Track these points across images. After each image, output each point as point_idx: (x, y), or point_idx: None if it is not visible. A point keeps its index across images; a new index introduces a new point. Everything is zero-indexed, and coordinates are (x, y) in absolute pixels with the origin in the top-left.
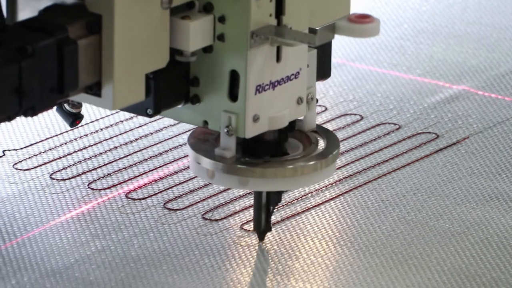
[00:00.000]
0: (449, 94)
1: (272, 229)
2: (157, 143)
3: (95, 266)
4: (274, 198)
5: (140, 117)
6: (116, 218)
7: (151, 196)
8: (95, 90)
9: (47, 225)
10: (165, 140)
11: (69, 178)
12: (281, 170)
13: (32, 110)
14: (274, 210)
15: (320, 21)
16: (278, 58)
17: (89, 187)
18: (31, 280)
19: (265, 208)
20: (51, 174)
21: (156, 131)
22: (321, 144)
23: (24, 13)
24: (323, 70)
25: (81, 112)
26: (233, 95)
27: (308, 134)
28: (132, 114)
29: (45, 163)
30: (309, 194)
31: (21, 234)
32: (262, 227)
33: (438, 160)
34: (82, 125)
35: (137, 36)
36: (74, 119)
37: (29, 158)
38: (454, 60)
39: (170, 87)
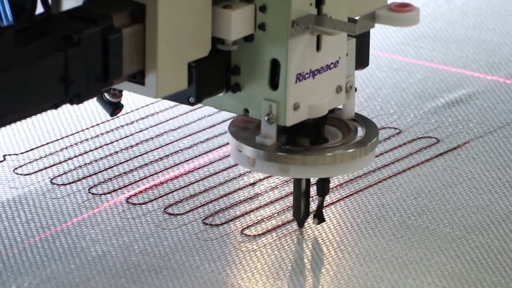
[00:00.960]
0: (449, 99)
1: (272, 233)
2: (158, 148)
3: (96, 271)
4: (320, 187)
5: (140, 121)
6: (116, 223)
7: (151, 201)
8: (138, 78)
9: (48, 230)
10: (166, 145)
11: (69, 183)
12: (321, 157)
13: (77, 98)
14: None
15: (357, 11)
16: (318, 47)
17: (89, 192)
18: (32, 285)
19: (304, 196)
20: (52, 179)
21: (157, 135)
22: (360, 132)
23: (69, 2)
24: (362, 59)
25: (121, 102)
26: (273, 84)
27: (347, 123)
28: (132, 119)
29: (46, 168)
30: (310, 199)
31: (21, 239)
32: (301, 214)
33: (438, 165)
34: (82, 130)
35: (180, 25)
36: (115, 108)
37: (29, 163)
38: (454, 65)
39: (211, 75)
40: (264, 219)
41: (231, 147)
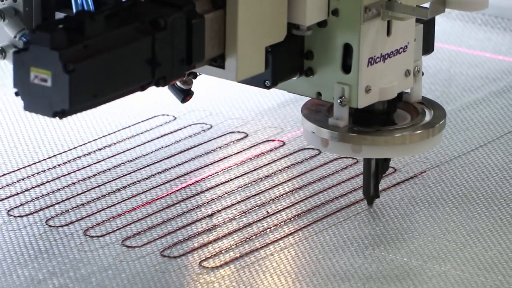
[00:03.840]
0: None
1: (231, 265)
2: (115, 179)
3: None
4: (381, 166)
5: (97, 152)
6: (74, 256)
7: (109, 233)
8: (219, 62)
9: (4, 263)
10: (123, 176)
11: (26, 215)
12: (391, 138)
13: (163, 80)
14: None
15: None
16: (388, 32)
17: (47, 224)
18: None
19: (374, 176)
20: (8, 211)
21: (114, 166)
22: (427, 115)
23: None
24: (427, 45)
25: (191, 89)
26: (346, 67)
27: (415, 105)
28: (89, 149)
29: (2, 200)
30: (268, 230)
31: None
32: (371, 193)
33: (396, 194)
34: (39, 161)
35: (258, 11)
36: (185, 95)
37: None
38: None
39: (286, 60)
40: (222, 251)
41: (304, 129)
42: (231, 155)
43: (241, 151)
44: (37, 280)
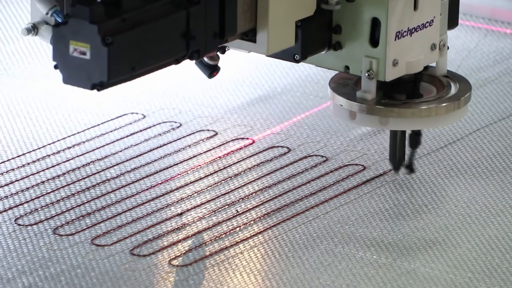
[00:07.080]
0: None
1: (200, 263)
2: (84, 178)
3: None
4: (413, 140)
5: (66, 150)
6: (43, 255)
7: (78, 232)
8: (250, 36)
9: None
10: (92, 174)
11: None
12: (418, 110)
13: (197, 54)
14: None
15: None
16: (415, 7)
17: (16, 223)
18: None
19: (399, 146)
20: None
21: (83, 165)
22: (453, 88)
23: None
24: (452, 20)
25: (218, 64)
26: (374, 41)
27: (440, 79)
28: (59, 148)
29: None
30: (237, 228)
31: None
32: (396, 161)
33: (365, 191)
34: (8, 160)
35: None
36: (212, 71)
37: None
38: None
39: (315, 34)
40: (192, 250)
41: (332, 102)
42: (201, 153)
43: (210, 150)
44: (6, 279)
